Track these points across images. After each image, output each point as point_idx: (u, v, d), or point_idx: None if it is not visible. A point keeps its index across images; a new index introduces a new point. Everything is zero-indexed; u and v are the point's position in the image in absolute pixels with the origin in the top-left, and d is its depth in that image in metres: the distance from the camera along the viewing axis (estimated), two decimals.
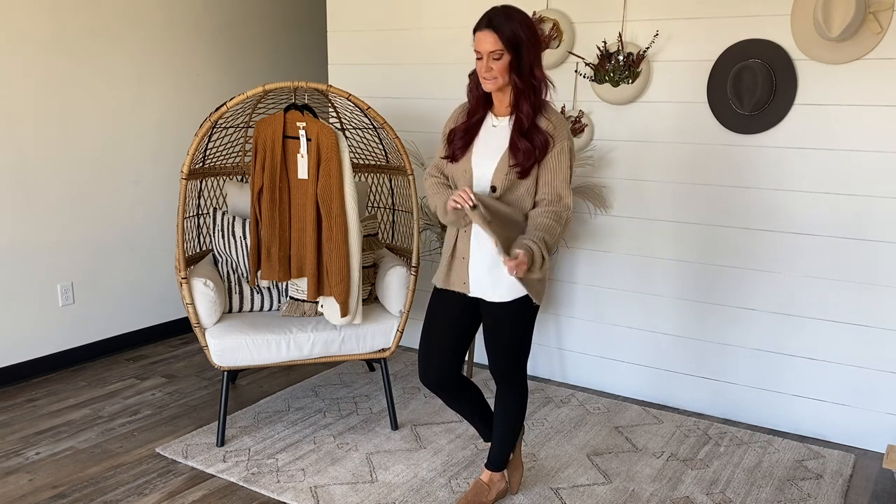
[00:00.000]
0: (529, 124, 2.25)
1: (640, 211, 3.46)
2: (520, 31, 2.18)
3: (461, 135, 2.37)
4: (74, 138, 3.81)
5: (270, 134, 3.02)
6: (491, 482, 2.64)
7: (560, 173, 2.28)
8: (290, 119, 3.03)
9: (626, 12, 3.32)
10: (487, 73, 2.23)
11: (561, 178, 2.28)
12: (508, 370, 2.51)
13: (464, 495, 2.63)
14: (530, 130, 2.25)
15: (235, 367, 3.01)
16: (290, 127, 3.03)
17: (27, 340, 3.73)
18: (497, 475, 2.65)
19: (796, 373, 3.23)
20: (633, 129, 3.40)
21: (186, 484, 2.79)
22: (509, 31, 2.17)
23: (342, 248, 2.96)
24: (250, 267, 3.10)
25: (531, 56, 2.22)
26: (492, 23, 2.19)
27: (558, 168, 2.28)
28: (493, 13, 2.21)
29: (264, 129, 3.04)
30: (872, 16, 2.81)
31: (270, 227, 3.03)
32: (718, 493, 2.77)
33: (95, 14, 3.83)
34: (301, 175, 3.02)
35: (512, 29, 2.17)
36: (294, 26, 4.99)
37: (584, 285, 3.66)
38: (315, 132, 2.97)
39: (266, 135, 3.02)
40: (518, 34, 2.18)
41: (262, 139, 3.03)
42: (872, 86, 2.90)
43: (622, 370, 3.64)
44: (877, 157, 2.94)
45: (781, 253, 3.18)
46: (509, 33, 2.17)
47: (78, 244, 3.89)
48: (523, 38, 2.19)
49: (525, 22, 2.21)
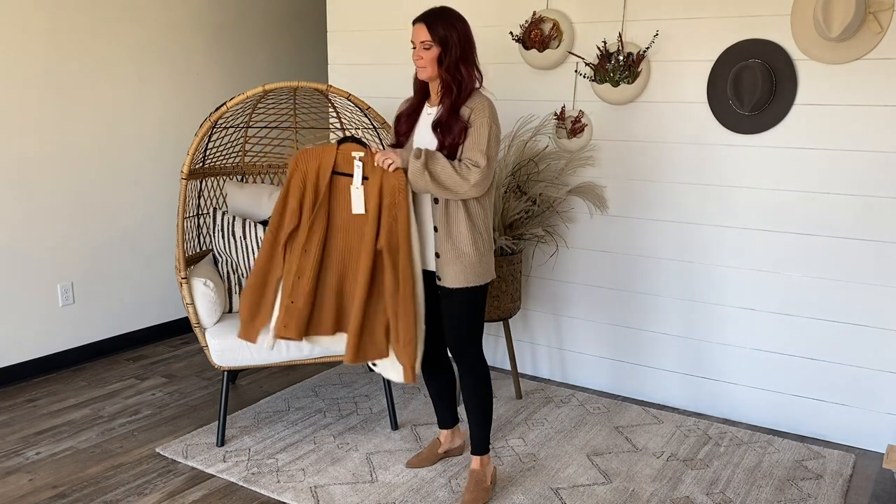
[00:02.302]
0: (447, 116, 2.46)
1: (640, 211, 3.46)
2: (450, 30, 2.43)
3: (404, 119, 2.64)
4: (74, 138, 3.81)
5: (316, 167, 2.64)
6: (482, 466, 2.72)
7: (475, 145, 2.44)
8: (344, 152, 2.65)
9: (626, 12, 3.32)
10: (418, 61, 2.47)
11: (475, 147, 2.43)
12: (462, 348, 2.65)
13: (465, 489, 2.68)
14: (449, 121, 2.46)
15: (235, 367, 3.01)
16: (343, 161, 2.64)
17: (27, 340, 3.73)
18: (485, 458, 2.73)
19: (796, 373, 3.22)
20: (633, 129, 3.40)
21: (186, 484, 2.79)
22: (440, 28, 2.42)
23: (410, 306, 2.54)
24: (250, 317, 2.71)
25: (458, 53, 2.44)
26: (426, 18, 2.45)
27: (474, 141, 2.44)
28: (430, 10, 2.47)
29: (308, 161, 2.65)
30: (872, 16, 2.81)
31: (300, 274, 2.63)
32: (718, 493, 2.77)
33: (95, 14, 3.83)
34: (357, 210, 2.62)
35: (443, 26, 2.42)
36: (294, 26, 4.99)
37: (584, 285, 3.66)
38: (378, 170, 2.57)
39: (310, 168, 2.64)
40: (447, 32, 2.42)
41: (302, 172, 2.64)
42: (872, 86, 2.89)
43: (622, 370, 3.64)
44: (877, 157, 2.94)
45: (781, 253, 3.17)
46: (440, 30, 2.42)
47: (78, 244, 3.89)
48: (452, 35, 2.43)
49: (456, 22, 2.45)
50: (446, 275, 2.54)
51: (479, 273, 2.54)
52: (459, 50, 2.44)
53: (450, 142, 2.46)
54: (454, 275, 2.52)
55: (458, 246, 2.50)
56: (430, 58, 2.45)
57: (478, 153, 2.43)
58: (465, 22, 2.48)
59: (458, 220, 2.50)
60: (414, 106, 2.62)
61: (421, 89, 2.61)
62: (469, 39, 2.48)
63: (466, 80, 2.46)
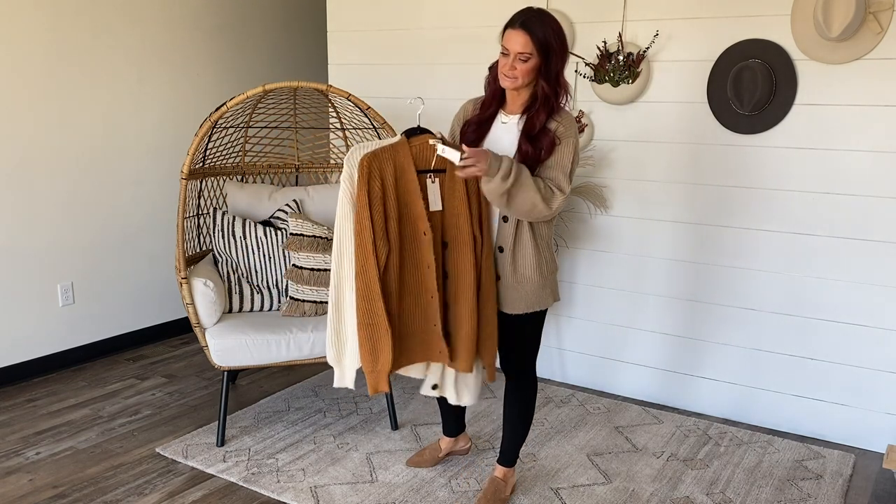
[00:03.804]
0: (540, 129, 2.28)
1: (640, 211, 3.46)
2: (552, 39, 2.20)
3: (474, 128, 2.40)
4: (74, 138, 3.81)
5: (392, 171, 2.26)
6: (505, 478, 2.69)
7: (560, 166, 2.29)
8: (417, 145, 2.31)
9: (626, 12, 3.32)
10: (510, 72, 2.24)
11: (560, 169, 2.29)
12: (518, 369, 2.58)
13: (482, 493, 2.66)
14: (539, 134, 2.28)
15: (235, 367, 3.01)
16: (420, 157, 2.30)
17: (27, 340, 3.73)
18: (510, 470, 2.70)
19: (796, 373, 3.22)
20: (633, 129, 3.40)
21: (186, 484, 2.79)
22: (542, 36, 2.19)
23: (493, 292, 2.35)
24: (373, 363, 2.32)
25: (559, 63, 2.24)
26: (526, 24, 2.19)
27: (559, 161, 2.29)
28: (528, 15, 2.22)
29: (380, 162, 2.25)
30: (872, 16, 2.81)
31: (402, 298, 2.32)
32: (718, 493, 2.77)
33: (95, 14, 3.83)
34: (435, 207, 2.32)
35: (545, 34, 2.19)
36: (294, 26, 4.99)
37: (584, 285, 3.66)
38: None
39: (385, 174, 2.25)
40: (550, 41, 2.20)
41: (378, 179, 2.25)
42: (872, 86, 2.89)
43: (622, 370, 3.64)
44: (877, 157, 2.94)
45: (781, 253, 3.17)
46: (542, 38, 2.19)
47: (78, 244, 3.89)
48: (555, 45, 2.21)
49: (557, 30, 2.23)
50: (506, 300, 2.40)
51: (542, 297, 2.42)
52: (561, 58, 2.24)
53: (535, 156, 2.26)
54: (514, 301, 2.40)
55: (522, 270, 2.36)
56: (526, 70, 2.21)
57: (562, 176, 2.27)
58: (560, 25, 2.25)
59: (526, 242, 2.34)
60: (490, 114, 2.40)
61: (496, 96, 2.38)
62: (566, 46, 2.27)
63: (564, 92, 2.29)
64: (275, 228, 3.31)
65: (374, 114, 3.22)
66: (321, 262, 3.20)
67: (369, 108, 3.22)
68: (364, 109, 3.23)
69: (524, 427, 2.65)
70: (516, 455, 2.70)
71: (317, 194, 3.50)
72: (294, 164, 3.71)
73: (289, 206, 3.39)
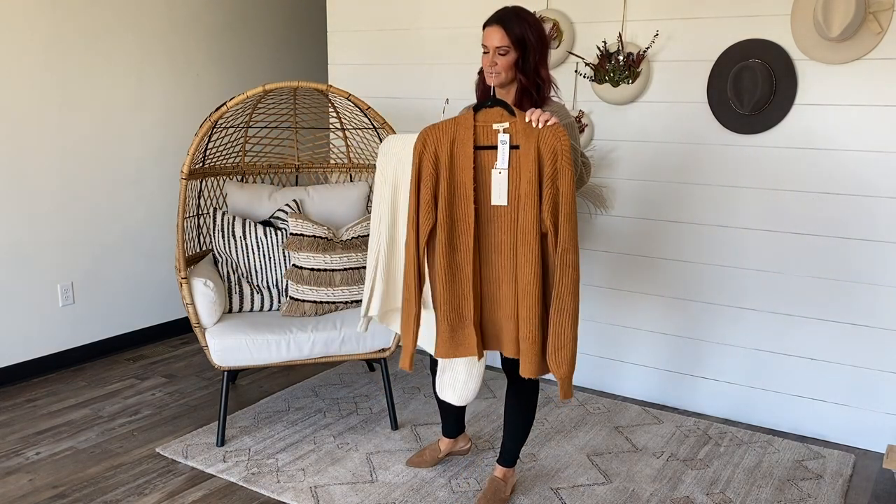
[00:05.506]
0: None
1: (640, 211, 3.46)
2: (528, 32, 2.29)
3: None
4: (75, 138, 3.81)
5: (448, 144, 2.15)
6: (505, 478, 2.69)
7: None
8: (483, 121, 2.20)
9: (626, 12, 3.32)
10: (492, 67, 2.32)
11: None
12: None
13: (482, 494, 2.66)
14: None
15: (235, 367, 3.01)
16: (483, 133, 2.17)
17: (27, 340, 3.73)
18: (510, 471, 2.70)
19: (796, 373, 3.23)
20: (633, 129, 3.40)
21: (186, 484, 2.79)
22: (518, 30, 2.28)
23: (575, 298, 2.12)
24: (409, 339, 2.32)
25: (536, 56, 2.32)
26: (501, 20, 2.29)
27: None
28: (503, 11, 2.32)
29: (439, 137, 2.18)
30: (872, 16, 2.81)
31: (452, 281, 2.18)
32: (718, 493, 2.77)
33: (95, 14, 3.83)
34: (497, 200, 2.14)
35: (521, 28, 2.28)
36: (294, 26, 4.99)
37: (584, 285, 3.65)
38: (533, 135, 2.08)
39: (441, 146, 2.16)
40: (526, 35, 2.29)
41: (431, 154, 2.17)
42: (872, 86, 2.89)
43: (622, 370, 3.64)
44: (877, 157, 2.94)
45: (781, 253, 3.17)
46: (518, 32, 2.28)
47: (78, 244, 3.89)
48: (531, 38, 2.30)
49: (534, 24, 2.32)
50: None
51: None
52: (539, 52, 2.32)
53: None
54: None
55: None
56: (507, 64, 2.30)
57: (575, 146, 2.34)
58: (538, 20, 2.35)
59: None
60: None
61: (485, 94, 2.43)
62: (546, 39, 2.36)
63: (546, 84, 2.36)
64: (275, 228, 3.31)
65: (374, 114, 3.22)
66: (321, 262, 3.20)
67: (369, 108, 3.22)
68: (364, 109, 3.23)
69: (525, 428, 2.66)
70: (517, 455, 2.70)
71: (317, 194, 3.50)
72: (294, 164, 3.71)
73: (289, 206, 3.39)
